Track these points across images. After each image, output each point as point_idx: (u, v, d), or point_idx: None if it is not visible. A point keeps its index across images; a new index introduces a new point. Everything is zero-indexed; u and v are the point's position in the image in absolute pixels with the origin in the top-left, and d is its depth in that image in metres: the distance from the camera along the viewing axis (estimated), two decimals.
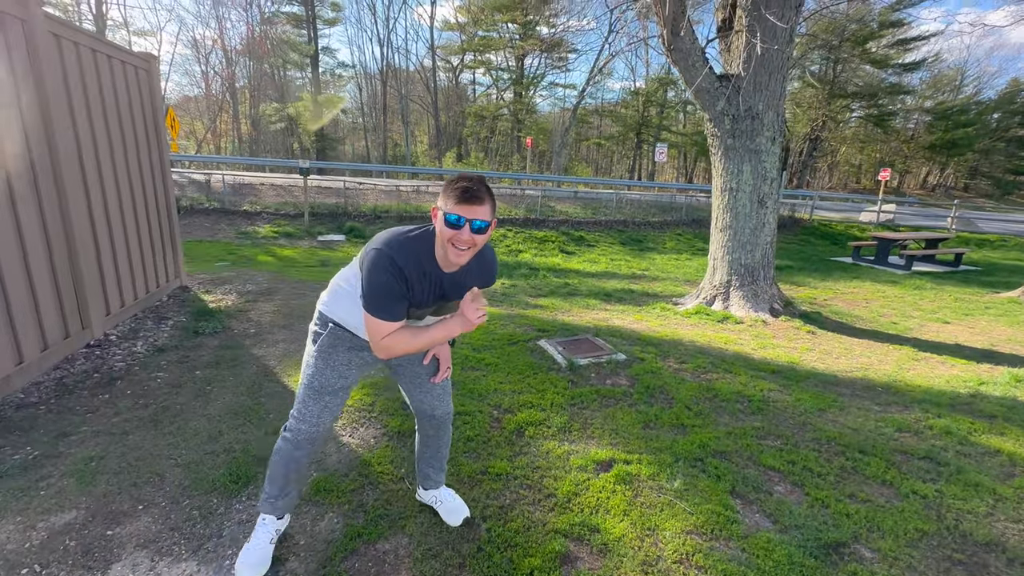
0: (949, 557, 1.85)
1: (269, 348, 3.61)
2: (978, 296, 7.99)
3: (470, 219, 1.32)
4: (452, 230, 1.34)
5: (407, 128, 33.09)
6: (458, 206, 1.32)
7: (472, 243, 1.35)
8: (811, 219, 16.63)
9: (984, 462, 2.51)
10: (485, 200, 1.34)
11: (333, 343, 1.59)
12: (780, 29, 5.01)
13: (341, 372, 1.59)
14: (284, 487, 1.65)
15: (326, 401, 1.59)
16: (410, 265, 1.38)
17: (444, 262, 1.43)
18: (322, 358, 1.58)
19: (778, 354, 4.28)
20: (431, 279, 1.45)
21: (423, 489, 1.97)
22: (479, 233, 1.35)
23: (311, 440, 1.60)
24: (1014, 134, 38.41)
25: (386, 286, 1.36)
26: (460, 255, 1.36)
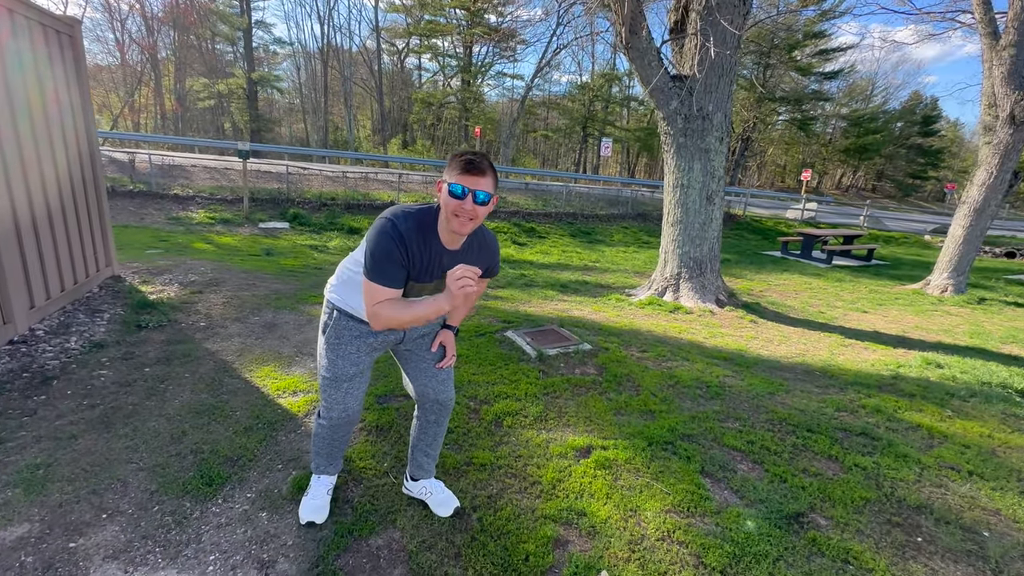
0: (889, 520, 2.09)
1: (224, 342, 3.41)
2: (888, 288, 8.90)
3: (473, 190, 1.36)
4: (456, 200, 1.37)
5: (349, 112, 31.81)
6: (462, 177, 1.36)
7: (475, 214, 1.39)
8: (744, 215, 17.74)
9: (909, 436, 2.84)
10: (487, 173, 1.39)
11: (339, 334, 1.63)
12: (730, 34, 5.29)
13: (352, 360, 1.65)
14: (331, 456, 1.85)
15: (345, 388, 1.67)
16: (413, 234, 1.42)
17: (447, 236, 1.47)
18: (332, 350, 1.64)
19: (727, 342, 4.58)
20: (433, 252, 1.48)
21: (412, 481, 1.97)
22: (482, 204, 1.39)
23: (345, 421, 1.74)
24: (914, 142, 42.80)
25: (386, 251, 1.39)
26: (463, 225, 1.40)
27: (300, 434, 2.38)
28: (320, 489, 1.87)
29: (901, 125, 43.15)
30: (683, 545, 1.85)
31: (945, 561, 1.88)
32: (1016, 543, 2.00)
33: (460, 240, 1.50)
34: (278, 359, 3.22)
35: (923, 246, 16.12)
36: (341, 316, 1.62)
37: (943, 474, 2.44)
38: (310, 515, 1.81)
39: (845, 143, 41.33)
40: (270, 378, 2.92)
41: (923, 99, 43.67)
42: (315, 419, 1.80)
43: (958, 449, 2.69)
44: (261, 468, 2.11)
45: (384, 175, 16.08)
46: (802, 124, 37.42)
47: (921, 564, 1.86)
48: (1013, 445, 2.80)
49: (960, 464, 2.53)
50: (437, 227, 1.46)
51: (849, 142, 40.89)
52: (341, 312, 1.62)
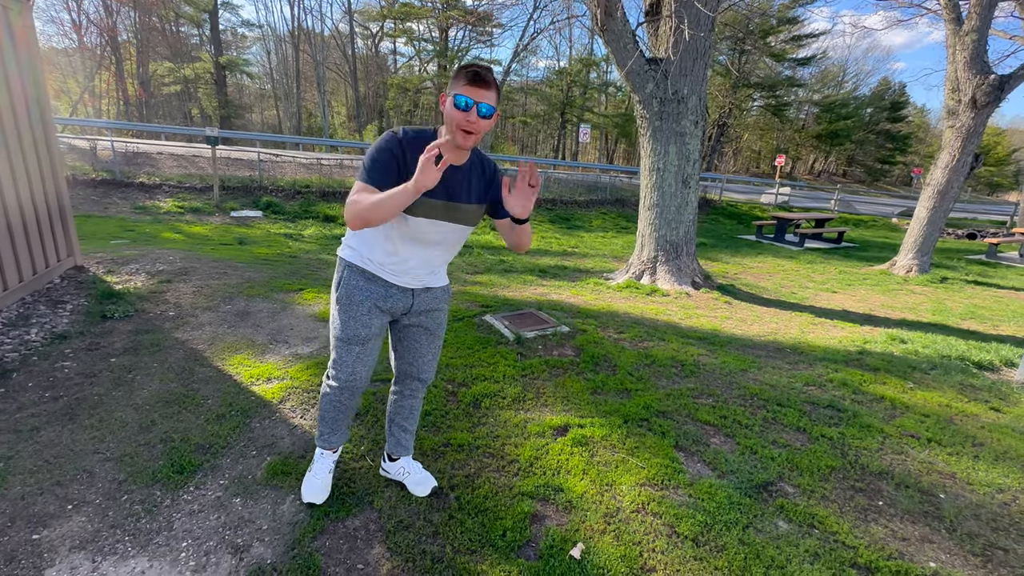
0: (852, 486, 2.17)
1: (194, 331, 3.33)
2: (857, 269, 9.17)
3: (478, 102, 1.36)
4: (461, 112, 1.37)
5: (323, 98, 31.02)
6: (468, 87, 1.36)
7: (478, 127, 1.39)
8: (720, 200, 17.99)
9: (873, 407, 2.95)
10: (492, 86, 1.38)
11: (349, 294, 1.61)
12: (705, 16, 5.30)
13: (363, 322, 1.62)
14: (335, 426, 1.82)
15: (356, 352, 1.65)
16: (413, 143, 1.43)
17: (449, 151, 1.44)
18: (343, 311, 1.63)
19: (702, 323, 4.66)
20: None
21: (390, 461, 1.97)
22: (486, 118, 1.39)
23: (351, 387, 1.72)
24: (883, 127, 43.86)
25: (380, 154, 1.40)
26: (467, 138, 1.40)
27: (275, 420, 2.35)
28: (322, 468, 1.87)
29: (871, 111, 44.14)
30: (657, 516, 1.90)
31: (904, 522, 1.97)
32: (969, 503, 2.10)
33: (463, 156, 1.49)
34: (251, 347, 3.16)
35: (890, 228, 16.62)
36: (352, 274, 1.61)
37: (904, 442, 2.55)
38: (311, 495, 1.82)
39: (817, 129, 42.12)
40: (243, 366, 2.87)
41: (892, 85, 44.70)
42: (323, 381, 1.78)
43: (918, 418, 2.81)
44: (234, 455, 2.08)
45: (360, 162, 15.79)
46: (776, 110, 38.00)
47: (881, 525, 1.94)
48: (969, 413, 2.94)
49: (920, 432, 2.64)
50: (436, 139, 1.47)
51: (821, 128, 41.69)
52: (352, 269, 1.61)
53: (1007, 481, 2.26)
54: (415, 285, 1.65)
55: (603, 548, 1.72)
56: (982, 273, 9.30)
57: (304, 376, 2.77)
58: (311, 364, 2.92)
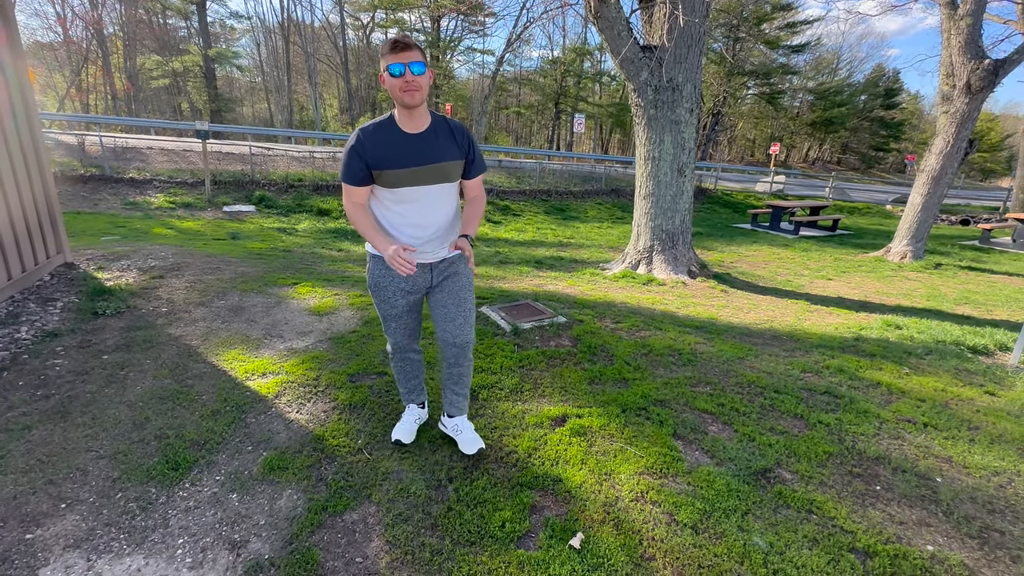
0: (850, 472, 2.18)
1: (188, 327, 3.29)
2: (851, 256, 9.20)
3: (407, 63, 1.56)
4: (397, 79, 1.57)
5: (314, 90, 30.67)
6: (393, 56, 1.56)
7: (417, 84, 1.58)
8: (716, 189, 17.98)
9: (869, 393, 2.96)
10: (413, 47, 1.57)
11: (375, 280, 1.89)
12: (699, 2, 5.25)
13: (391, 303, 1.91)
14: (407, 384, 2.15)
15: (393, 327, 1.98)
16: (370, 130, 1.68)
17: (406, 121, 1.68)
18: (374, 294, 1.93)
19: (699, 311, 4.66)
20: (394, 138, 1.68)
21: (448, 418, 2.15)
22: (420, 75, 1.58)
23: (401, 351, 2.06)
24: (877, 115, 43.82)
25: (348, 156, 1.68)
26: (412, 95, 1.59)
27: (271, 416, 2.33)
28: (409, 418, 2.19)
29: (865, 98, 44.05)
30: (656, 505, 1.89)
31: (901, 506, 1.98)
32: (965, 487, 2.11)
33: (419, 123, 1.70)
34: (246, 342, 3.13)
35: (885, 216, 16.67)
36: (376, 264, 1.86)
37: (900, 427, 2.56)
38: (398, 435, 2.11)
39: (812, 116, 42.05)
40: (238, 361, 2.84)
41: (886, 72, 44.59)
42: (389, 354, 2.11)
43: (914, 403, 2.82)
44: (230, 451, 2.06)
45: None
46: (771, 98, 37.87)
47: (879, 510, 1.95)
48: (964, 397, 2.95)
49: (916, 417, 2.65)
50: (395, 121, 1.69)
51: (816, 115, 41.62)
52: (375, 259, 1.86)
53: (1002, 464, 2.28)
54: (430, 259, 1.86)
55: (603, 537, 1.72)
56: (976, 259, 9.35)
57: (300, 371, 2.75)
58: (307, 358, 2.90)
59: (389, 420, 2.33)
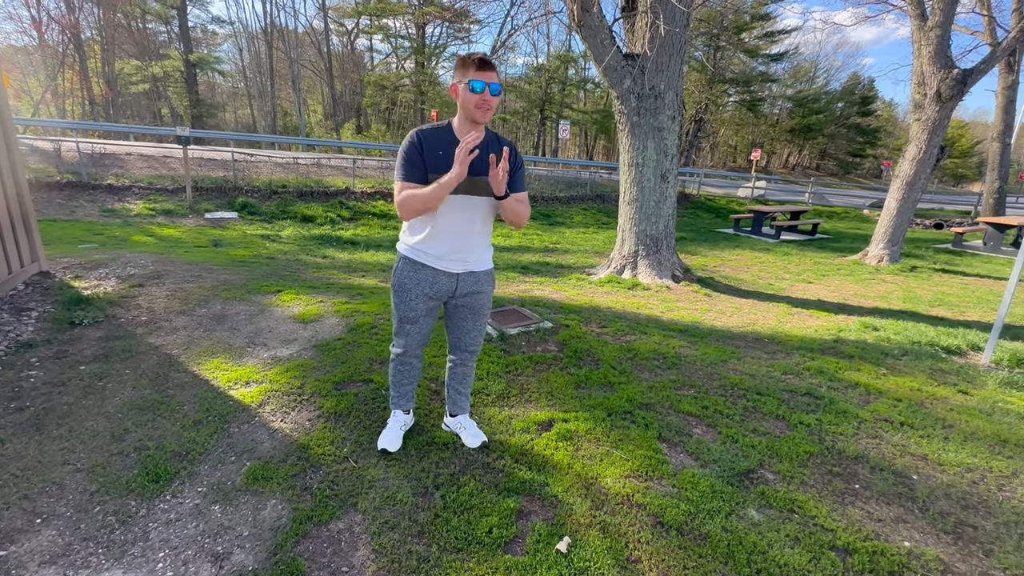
0: (830, 471, 2.22)
1: (168, 336, 3.24)
2: (830, 259, 9.40)
3: (488, 83, 1.67)
4: (477, 95, 1.67)
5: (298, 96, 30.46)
6: (478, 73, 1.65)
7: (491, 105, 1.70)
8: (699, 194, 18.24)
9: (848, 393, 3.02)
10: (495, 68, 1.70)
11: (400, 281, 1.94)
12: (680, 12, 5.35)
13: (411, 306, 1.95)
14: (401, 388, 2.17)
15: (408, 328, 2.01)
16: (428, 137, 1.75)
17: (464, 132, 1.75)
18: (396, 295, 1.97)
19: (683, 315, 4.72)
20: (453, 149, 1.70)
21: (450, 416, 2.30)
22: (496, 95, 1.69)
23: (407, 354, 2.08)
24: (853, 121, 44.95)
25: (403, 152, 1.75)
26: (484, 114, 1.71)
27: (254, 425, 2.30)
28: (395, 424, 2.20)
29: (842, 105, 45.17)
30: (642, 507, 1.91)
31: (879, 504, 2.03)
32: (940, 483, 2.17)
33: (478, 136, 1.76)
34: (228, 351, 3.08)
35: (862, 220, 17.06)
36: (405, 265, 1.92)
37: (878, 426, 2.62)
38: (384, 443, 2.12)
39: (791, 123, 42.97)
40: (220, 370, 2.80)
41: (861, 80, 45.81)
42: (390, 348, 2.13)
43: (891, 403, 2.89)
44: (212, 461, 2.03)
45: (337, 161, 15.56)
46: (751, 105, 38.63)
47: (858, 508, 1.99)
48: (939, 396, 3.04)
49: (893, 416, 2.72)
50: (451, 130, 1.78)
51: (795, 122, 42.54)
52: (405, 260, 1.92)
53: (975, 461, 2.35)
54: (459, 269, 1.92)
55: (589, 541, 1.73)
56: (949, 262, 9.62)
57: (284, 379, 2.72)
58: (291, 367, 2.87)
59: (375, 428, 2.32)
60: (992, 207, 14.71)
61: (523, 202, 1.89)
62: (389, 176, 14.48)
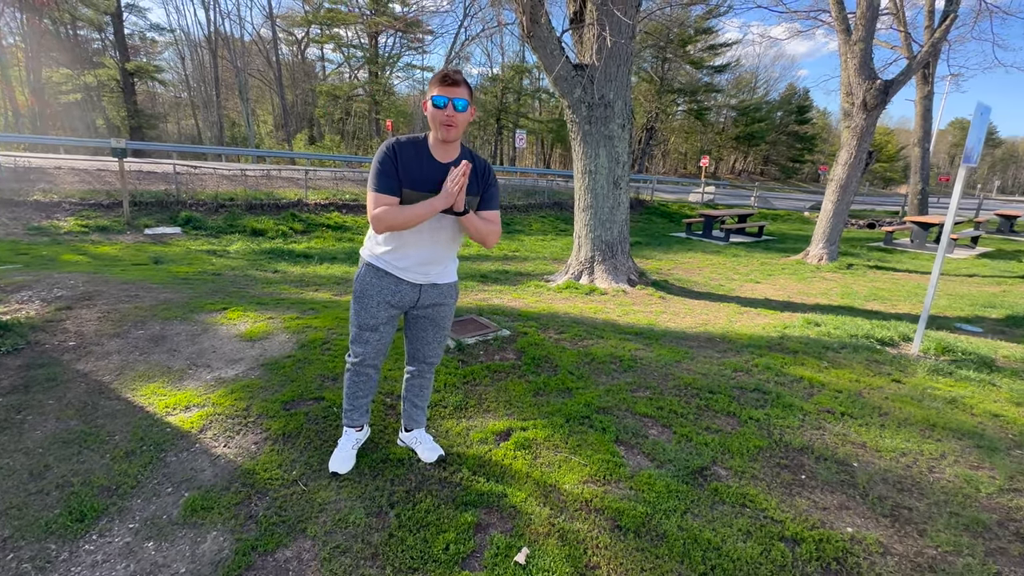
0: (778, 463, 2.31)
1: (99, 362, 3.02)
2: (776, 260, 9.87)
3: (452, 98, 1.63)
4: (439, 110, 1.64)
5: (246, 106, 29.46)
6: (442, 88, 1.63)
7: (456, 120, 1.66)
8: (652, 200, 18.80)
9: (793, 387, 3.16)
10: (462, 84, 1.65)
11: (363, 288, 1.89)
12: (625, 24, 5.52)
13: (372, 313, 1.89)
14: (354, 403, 2.07)
15: (367, 337, 1.94)
16: (405, 147, 1.72)
17: (439, 150, 1.74)
18: (357, 301, 1.91)
19: (638, 318, 4.82)
20: (425, 164, 1.73)
21: (405, 432, 2.25)
22: (461, 111, 1.65)
23: (365, 365, 1.99)
24: (792, 129, 47.67)
25: (378, 163, 1.70)
26: (449, 131, 1.67)
27: (194, 452, 2.17)
28: (346, 444, 2.10)
29: (781, 114, 47.87)
30: (600, 512, 1.92)
31: (824, 493, 2.11)
32: (878, 469, 2.29)
33: (451, 153, 1.76)
34: (167, 374, 2.90)
35: (803, 221, 18.03)
36: (368, 271, 1.88)
37: (821, 417, 2.75)
38: (336, 466, 2.02)
39: (736, 131, 45.14)
40: (157, 395, 2.63)
41: (797, 91, 48.73)
42: (345, 361, 2.05)
43: (832, 394, 3.04)
44: (146, 494, 1.89)
45: (288, 172, 15.11)
46: (698, 114, 40.33)
47: (805, 498, 2.07)
48: (875, 386, 3.22)
49: (834, 407, 2.86)
50: (428, 145, 1.74)
51: (739, 130, 44.72)
52: (368, 267, 1.88)
53: (908, 445, 2.49)
54: (421, 281, 1.90)
55: (548, 550, 1.72)
56: (881, 259, 10.29)
57: (228, 401, 2.58)
58: (236, 388, 2.73)
59: (327, 447, 2.23)
60: (917, 207, 15.87)
61: (492, 221, 1.85)
62: (344, 187, 14.17)
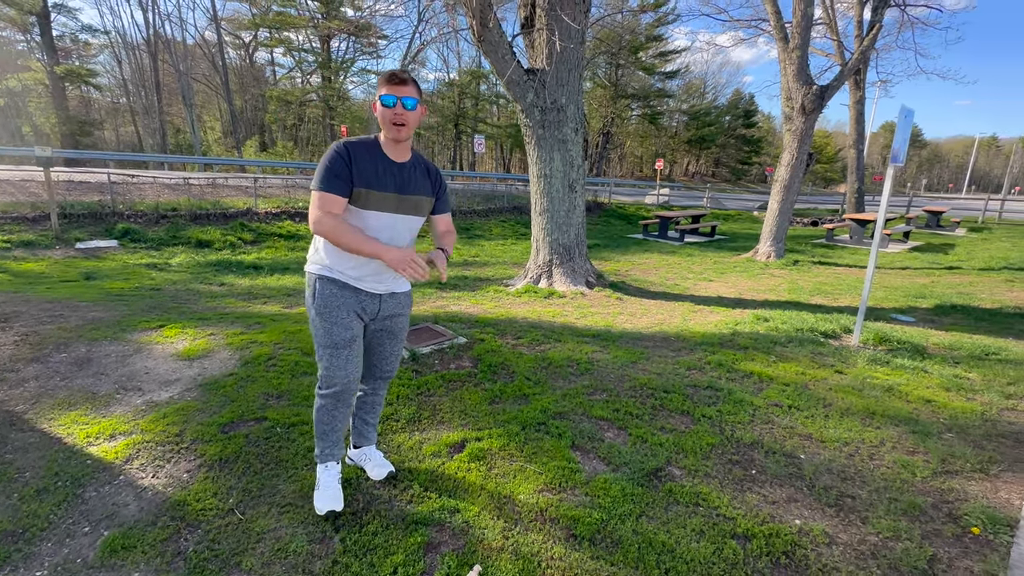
0: (730, 460, 2.34)
1: (12, 390, 2.75)
2: (728, 258, 10.20)
3: (401, 97, 1.60)
4: (389, 109, 1.60)
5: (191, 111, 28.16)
6: (389, 87, 1.59)
7: (406, 119, 1.62)
8: (610, 203, 19.15)
9: (744, 383, 3.23)
10: (410, 83, 1.62)
11: (326, 302, 1.72)
12: (574, 29, 5.57)
13: (345, 324, 1.74)
14: (335, 435, 1.87)
15: (345, 355, 1.76)
16: (358, 147, 1.64)
17: (392, 149, 1.69)
18: (325, 319, 1.73)
19: (596, 320, 4.85)
20: (380, 163, 1.67)
21: (354, 449, 2.14)
22: (410, 110, 1.61)
23: (347, 391, 1.81)
24: (740, 132, 49.78)
25: (328, 161, 1.59)
26: (399, 130, 1.63)
27: (117, 486, 1.99)
28: (331, 480, 1.90)
29: (729, 119, 49.93)
30: (555, 522, 1.88)
31: (773, 487, 2.15)
32: (823, 460, 2.36)
33: (403, 154, 1.71)
34: (92, 400, 2.68)
35: (753, 221, 18.79)
36: (324, 284, 1.72)
37: (770, 411, 2.81)
38: (329, 504, 1.84)
39: (688, 135, 46.75)
40: (78, 424, 2.41)
41: (743, 96, 50.96)
42: (316, 396, 1.84)
43: (780, 388, 3.13)
44: (59, 536, 1.72)
45: (236, 180, 14.49)
46: (652, 118, 41.51)
47: (755, 493, 2.10)
48: (819, 378, 3.33)
49: (782, 401, 2.94)
50: (379, 144, 1.69)
51: (691, 134, 46.34)
52: (323, 280, 1.72)
53: (850, 435, 2.58)
54: (381, 290, 1.80)
55: (501, 565, 1.66)
56: (824, 255, 10.82)
57: (159, 427, 2.40)
58: (169, 412, 2.54)
59: (268, 471, 2.10)
60: (854, 205, 16.83)
61: (450, 229, 1.90)
62: (296, 195, 13.71)
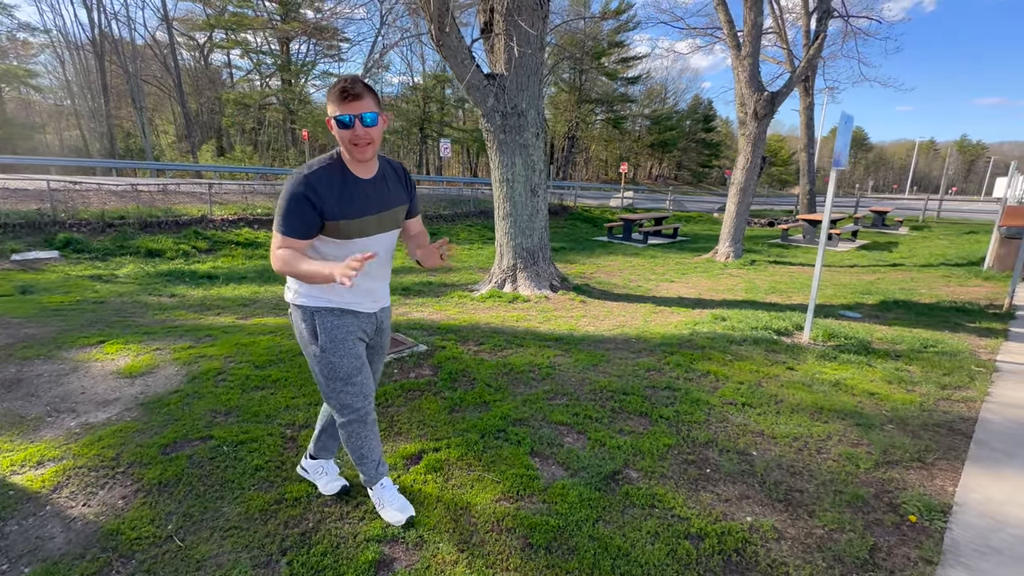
0: (685, 460, 2.37)
1: None
2: (689, 259, 10.46)
3: (358, 114, 1.42)
4: (347, 131, 1.43)
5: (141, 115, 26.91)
6: (343, 105, 1.41)
7: (369, 137, 1.45)
8: (576, 206, 19.37)
9: (701, 382, 3.30)
10: (364, 95, 1.42)
11: (332, 336, 1.63)
12: (532, 35, 5.61)
13: (354, 353, 1.68)
14: (373, 456, 1.82)
15: (357, 381, 1.70)
16: (322, 176, 1.47)
17: (356, 167, 1.54)
18: (331, 352, 1.63)
19: (559, 324, 4.87)
20: (351, 187, 1.53)
21: (311, 459, 2.04)
22: (372, 126, 1.44)
23: (367, 410, 1.75)
24: (700, 136, 51.34)
25: (287, 202, 1.44)
26: (363, 151, 1.47)
27: (43, 517, 1.85)
28: (391, 495, 1.87)
29: (690, 123, 51.43)
30: (511, 531, 1.86)
31: (727, 485, 2.20)
32: (774, 456, 2.42)
33: (371, 168, 1.58)
34: (19, 424, 2.50)
35: (713, 222, 19.36)
36: (324, 317, 1.62)
37: (725, 410, 2.88)
38: (405, 512, 1.84)
39: (650, 139, 47.86)
40: (2, 452, 2.24)
41: (702, 101, 52.64)
42: (339, 428, 1.77)
43: (735, 386, 3.21)
44: None
45: (190, 186, 13.93)
46: (615, 123, 42.34)
47: (709, 492, 2.14)
48: (772, 375, 3.44)
49: (736, 399, 3.01)
50: (342, 163, 1.53)
51: (653, 138, 47.47)
52: (322, 312, 1.62)
53: (800, 430, 2.67)
54: (375, 308, 1.74)
55: None
56: (779, 254, 11.24)
57: (93, 451, 2.25)
58: (105, 434, 2.40)
59: (211, 493, 2.00)
60: (806, 206, 17.57)
61: (423, 232, 1.88)
62: (256, 201, 13.29)
